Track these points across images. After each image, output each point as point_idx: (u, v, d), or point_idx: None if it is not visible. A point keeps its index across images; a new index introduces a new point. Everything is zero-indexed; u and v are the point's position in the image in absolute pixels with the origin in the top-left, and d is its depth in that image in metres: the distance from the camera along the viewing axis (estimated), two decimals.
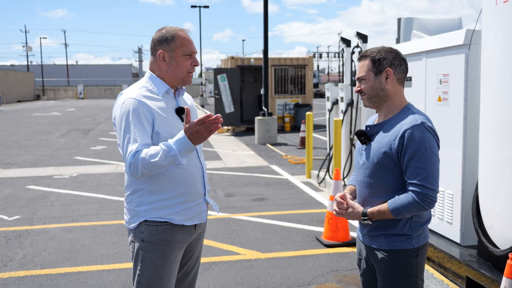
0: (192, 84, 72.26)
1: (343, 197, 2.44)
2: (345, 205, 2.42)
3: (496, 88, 3.65)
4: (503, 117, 3.57)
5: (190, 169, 2.48)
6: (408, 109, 2.36)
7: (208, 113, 2.32)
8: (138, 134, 2.32)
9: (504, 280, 2.65)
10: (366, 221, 2.35)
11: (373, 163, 2.34)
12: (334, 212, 2.45)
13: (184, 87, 2.60)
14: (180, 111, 2.49)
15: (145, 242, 2.45)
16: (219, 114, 2.28)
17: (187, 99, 2.69)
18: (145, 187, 2.44)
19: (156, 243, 2.45)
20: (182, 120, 2.47)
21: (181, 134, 2.27)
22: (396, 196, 2.27)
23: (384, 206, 2.28)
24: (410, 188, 2.23)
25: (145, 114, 2.36)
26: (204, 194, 2.60)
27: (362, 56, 2.42)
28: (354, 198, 2.53)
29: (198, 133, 2.24)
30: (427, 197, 2.20)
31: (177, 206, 2.47)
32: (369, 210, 2.34)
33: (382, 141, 2.32)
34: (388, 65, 2.35)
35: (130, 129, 2.33)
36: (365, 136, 2.42)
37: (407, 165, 2.23)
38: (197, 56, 2.59)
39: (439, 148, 2.30)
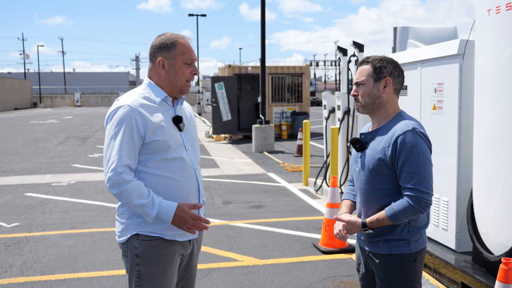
0: (189, 92, 72.24)
1: (339, 219, 2.50)
2: (342, 228, 2.47)
3: (490, 97, 3.73)
4: (497, 124, 3.65)
5: (185, 181, 2.41)
6: (400, 116, 2.43)
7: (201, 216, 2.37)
8: (126, 149, 2.28)
9: (497, 284, 2.71)
10: (367, 231, 2.41)
11: (369, 169, 2.41)
12: (338, 237, 2.51)
13: (183, 96, 2.55)
14: (177, 120, 2.43)
15: (140, 258, 2.38)
16: (207, 227, 2.38)
17: (186, 108, 2.63)
18: None
19: (153, 257, 2.38)
20: (179, 130, 2.42)
21: (171, 208, 2.28)
22: (393, 203, 2.33)
23: (382, 214, 2.34)
24: (405, 192, 2.30)
25: (138, 124, 2.30)
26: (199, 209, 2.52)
27: (363, 62, 2.48)
28: (351, 212, 2.60)
29: (185, 223, 2.30)
30: (422, 200, 2.26)
31: None
32: (368, 220, 2.39)
33: (376, 148, 2.39)
34: (388, 74, 2.42)
35: (118, 142, 2.28)
36: (360, 143, 2.49)
37: (401, 170, 2.30)
38: (195, 64, 2.57)
39: (431, 153, 2.37)
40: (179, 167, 2.39)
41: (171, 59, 2.40)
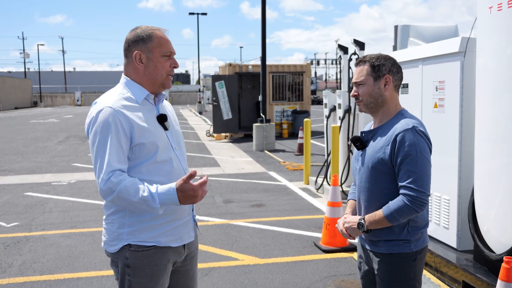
0: (190, 91, 72.28)
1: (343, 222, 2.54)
2: (344, 228, 2.50)
3: (491, 95, 3.71)
4: (498, 123, 3.63)
5: None
6: (401, 114, 2.41)
7: (203, 177, 2.15)
8: (114, 154, 2.13)
9: (499, 283, 2.69)
10: (361, 229, 2.40)
11: (368, 168, 2.40)
12: (342, 235, 2.55)
13: (164, 93, 2.41)
14: (162, 119, 2.31)
15: (131, 268, 2.26)
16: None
17: (167, 106, 2.50)
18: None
19: (145, 268, 2.26)
20: (165, 128, 2.31)
21: (171, 191, 2.10)
22: (390, 202, 2.32)
23: (379, 214, 2.33)
24: (401, 191, 2.28)
25: (124, 126, 2.16)
26: (192, 210, 2.43)
27: (360, 61, 2.46)
28: (355, 213, 2.60)
29: (193, 197, 2.12)
30: (417, 199, 2.24)
31: (163, 226, 2.26)
32: (366, 220, 2.38)
33: (376, 146, 2.38)
34: (387, 71, 2.40)
35: (106, 147, 2.14)
36: (360, 142, 2.47)
37: (399, 168, 2.29)
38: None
39: (431, 152, 2.35)
40: (169, 170, 2.27)
41: (148, 52, 2.25)
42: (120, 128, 2.16)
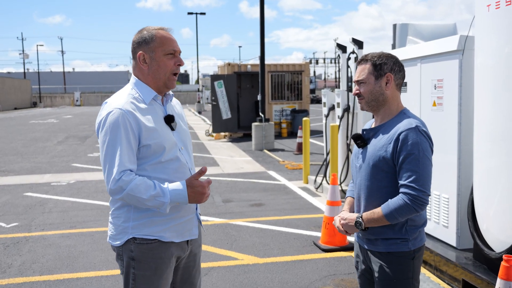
0: (189, 91, 72.27)
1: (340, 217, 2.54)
2: (340, 225, 2.50)
3: (490, 93, 3.71)
4: (497, 122, 3.62)
5: None
6: (403, 114, 2.41)
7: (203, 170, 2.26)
8: (125, 154, 2.20)
9: (499, 281, 2.69)
10: (359, 227, 2.39)
11: (369, 166, 2.39)
12: (339, 231, 2.55)
13: (172, 93, 2.48)
14: (169, 119, 2.36)
15: (136, 261, 2.32)
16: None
17: (176, 106, 2.55)
18: None
19: (149, 261, 2.33)
20: (172, 129, 2.36)
21: (181, 187, 2.20)
22: (389, 200, 2.31)
23: (378, 212, 2.32)
24: (402, 190, 2.28)
25: (133, 127, 2.22)
26: (196, 208, 2.48)
27: (362, 60, 2.46)
28: (353, 210, 2.59)
29: (201, 194, 2.22)
30: (418, 199, 2.24)
31: (167, 221, 2.33)
32: (364, 218, 2.37)
33: (378, 144, 2.37)
34: (389, 70, 2.40)
35: (116, 147, 2.20)
36: (361, 139, 2.47)
37: (400, 167, 2.29)
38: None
39: (432, 152, 2.35)
40: (174, 168, 2.33)
41: (151, 52, 2.32)
42: (130, 129, 2.22)
